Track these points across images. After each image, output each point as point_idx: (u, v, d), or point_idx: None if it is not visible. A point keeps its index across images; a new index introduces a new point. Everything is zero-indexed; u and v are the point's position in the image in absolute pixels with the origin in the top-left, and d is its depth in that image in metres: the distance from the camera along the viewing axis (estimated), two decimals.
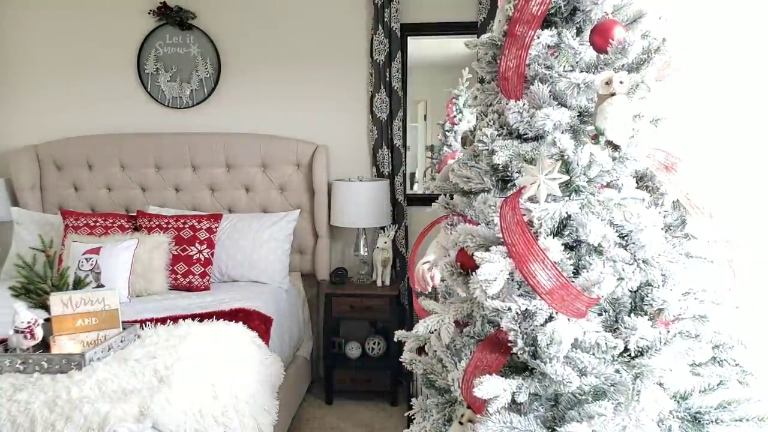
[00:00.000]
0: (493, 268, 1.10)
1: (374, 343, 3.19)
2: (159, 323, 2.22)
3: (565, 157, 1.11)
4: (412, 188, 3.33)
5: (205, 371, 1.87)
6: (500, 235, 1.13)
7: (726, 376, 1.19)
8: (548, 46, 1.21)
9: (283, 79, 3.26)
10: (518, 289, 1.15)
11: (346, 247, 3.35)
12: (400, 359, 1.52)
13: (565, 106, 1.17)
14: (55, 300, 1.87)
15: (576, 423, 1.07)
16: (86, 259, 2.66)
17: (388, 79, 3.11)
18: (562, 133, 1.13)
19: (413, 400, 1.47)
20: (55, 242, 2.72)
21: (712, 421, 1.14)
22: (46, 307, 1.90)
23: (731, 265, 1.18)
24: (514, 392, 1.10)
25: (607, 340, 1.09)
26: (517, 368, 1.16)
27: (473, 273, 1.13)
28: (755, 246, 1.47)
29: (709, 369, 1.19)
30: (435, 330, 1.31)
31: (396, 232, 3.18)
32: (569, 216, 1.14)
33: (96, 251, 2.69)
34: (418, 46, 3.20)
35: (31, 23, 3.31)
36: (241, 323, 2.30)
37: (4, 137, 3.38)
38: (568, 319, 1.10)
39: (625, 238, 1.13)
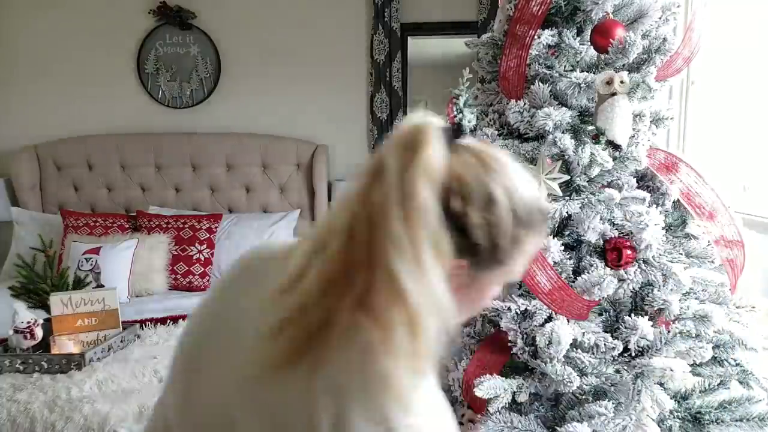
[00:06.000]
0: None
1: None
2: (159, 323, 2.21)
3: (566, 156, 1.11)
4: None
5: None
6: None
7: (727, 376, 1.19)
8: (549, 46, 1.20)
9: (283, 79, 3.26)
10: (518, 289, 1.15)
11: None
12: None
13: (566, 106, 1.17)
14: (55, 300, 1.86)
15: (576, 423, 1.07)
16: (86, 259, 2.66)
17: (388, 78, 3.11)
18: (563, 132, 1.12)
19: None
20: (55, 242, 2.71)
21: (712, 421, 1.14)
22: (46, 307, 1.90)
23: (732, 265, 1.18)
24: (514, 392, 1.10)
25: (606, 341, 1.09)
26: (517, 368, 1.16)
27: None
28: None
29: (710, 369, 1.18)
30: None
31: None
32: (570, 216, 1.14)
33: (96, 251, 2.68)
34: (418, 46, 3.19)
35: (31, 23, 3.30)
36: None
37: (4, 137, 3.38)
38: (567, 320, 1.10)
39: (626, 237, 1.13)
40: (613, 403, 1.07)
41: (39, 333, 1.82)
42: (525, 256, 0.67)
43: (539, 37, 1.17)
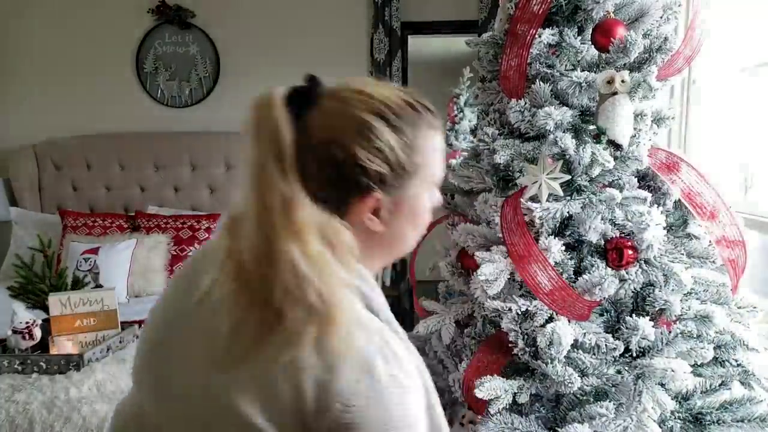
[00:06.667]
0: (494, 268, 1.10)
1: None
2: None
3: (567, 156, 1.11)
4: None
5: None
6: (501, 235, 1.13)
7: (728, 376, 1.19)
8: (549, 45, 1.20)
9: (282, 78, 3.20)
10: (519, 289, 1.15)
11: None
12: None
13: (567, 105, 1.17)
14: (54, 300, 1.86)
15: (577, 423, 1.06)
16: (85, 259, 2.65)
17: (388, 78, 3.10)
18: (564, 132, 1.12)
19: None
20: (54, 242, 2.70)
21: (713, 422, 1.14)
22: (44, 308, 1.89)
23: (733, 266, 1.17)
24: (515, 393, 1.10)
25: (607, 342, 1.08)
26: (518, 369, 1.15)
27: (474, 273, 1.12)
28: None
29: (711, 369, 1.18)
30: (435, 330, 1.30)
31: None
32: (571, 216, 1.13)
33: (94, 251, 2.67)
34: (418, 45, 3.19)
35: (30, 22, 3.30)
36: None
37: (2, 137, 3.37)
38: (568, 320, 1.09)
39: (627, 237, 1.13)
40: (614, 404, 1.07)
41: (37, 333, 1.81)
42: (432, 154, 0.69)
43: (540, 36, 1.17)
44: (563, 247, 1.11)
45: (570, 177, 1.11)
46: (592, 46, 1.18)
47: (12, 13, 3.30)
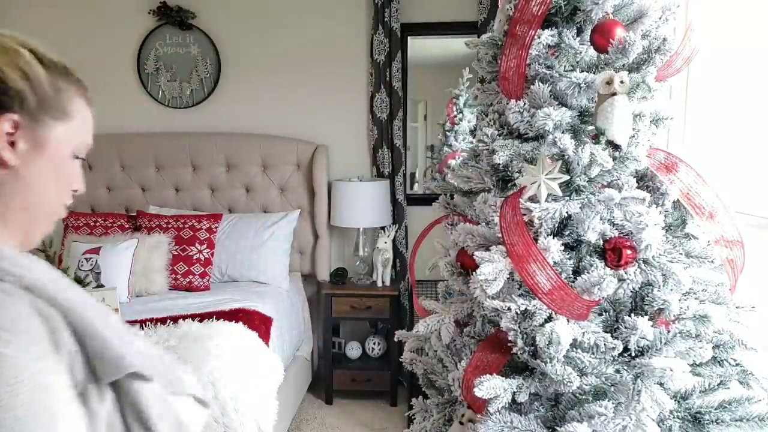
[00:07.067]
0: (493, 268, 1.10)
1: (374, 343, 3.19)
2: (159, 323, 2.21)
3: (566, 156, 1.11)
4: (412, 188, 3.32)
5: (204, 371, 1.87)
6: (500, 235, 1.13)
7: (726, 376, 1.19)
8: (549, 46, 1.21)
9: (283, 79, 3.26)
10: (518, 288, 1.15)
11: (346, 247, 3.35)
12: (400, 359, 1.52)
13: (566, 106, 1.17)
14: None
15: (576, 423, 1.07)
16: (86, 259, 2.66)
17: (388, 79, 3.11)
18: (563, 132, 1.12)
19: (413, 400, 1.47)
20: (55, 242, 2.72)
21: (712, 421, 1.14)
22: None
23: (731, 265, 1.18)
24: (514, 392, 1.10)
25: (606, 341, 1.09)
26: (517, 368, 1.16)
27: (474, 273, 1.13)
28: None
29: (710, 369, 1.19)
30: (435, 330, 1.31)
31: (396, 232, 3.18)
32: (570, 216, 1.14)
33: (96, 251, 2.68)
34: (418, 46, 3.19)
35: (31, 23, 3.31)
36: (241, 323, 2.29)
37: None
38: (567, 320, 1.10)
39: (626, 237, 1.13)
40: (613, 403, 1.07)
41: None
42: (83, 121, 0.71)
43: (539, 37, 1.17)
44: (562, 247, 1.11)
45: (569, 177, 1.12)
46: (591, 46, 1.19)
47: (12, 15, 3.31)
